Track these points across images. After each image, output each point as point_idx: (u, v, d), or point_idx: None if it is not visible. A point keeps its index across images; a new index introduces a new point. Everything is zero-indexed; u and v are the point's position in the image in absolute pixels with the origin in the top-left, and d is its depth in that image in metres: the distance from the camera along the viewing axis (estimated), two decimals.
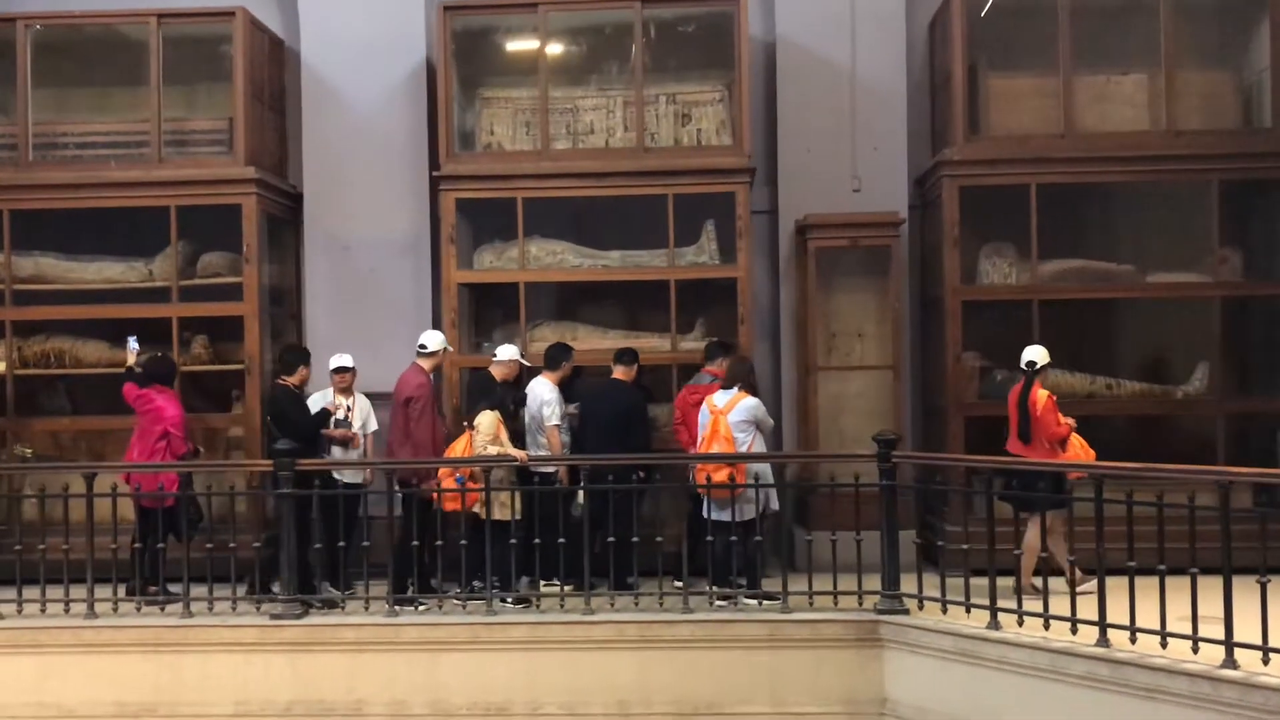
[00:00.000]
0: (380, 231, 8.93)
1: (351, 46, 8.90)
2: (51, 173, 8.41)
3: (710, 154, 8.31)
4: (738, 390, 7.27)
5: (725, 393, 7.31)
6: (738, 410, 7.20)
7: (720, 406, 7.24)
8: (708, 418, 7.25)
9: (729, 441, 7.08)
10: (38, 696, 6.95)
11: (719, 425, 7.16)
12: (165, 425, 7.42)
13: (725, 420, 7.16)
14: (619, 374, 7.72)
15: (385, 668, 6.91)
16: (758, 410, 7.26)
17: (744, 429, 7.17)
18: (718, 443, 7.12)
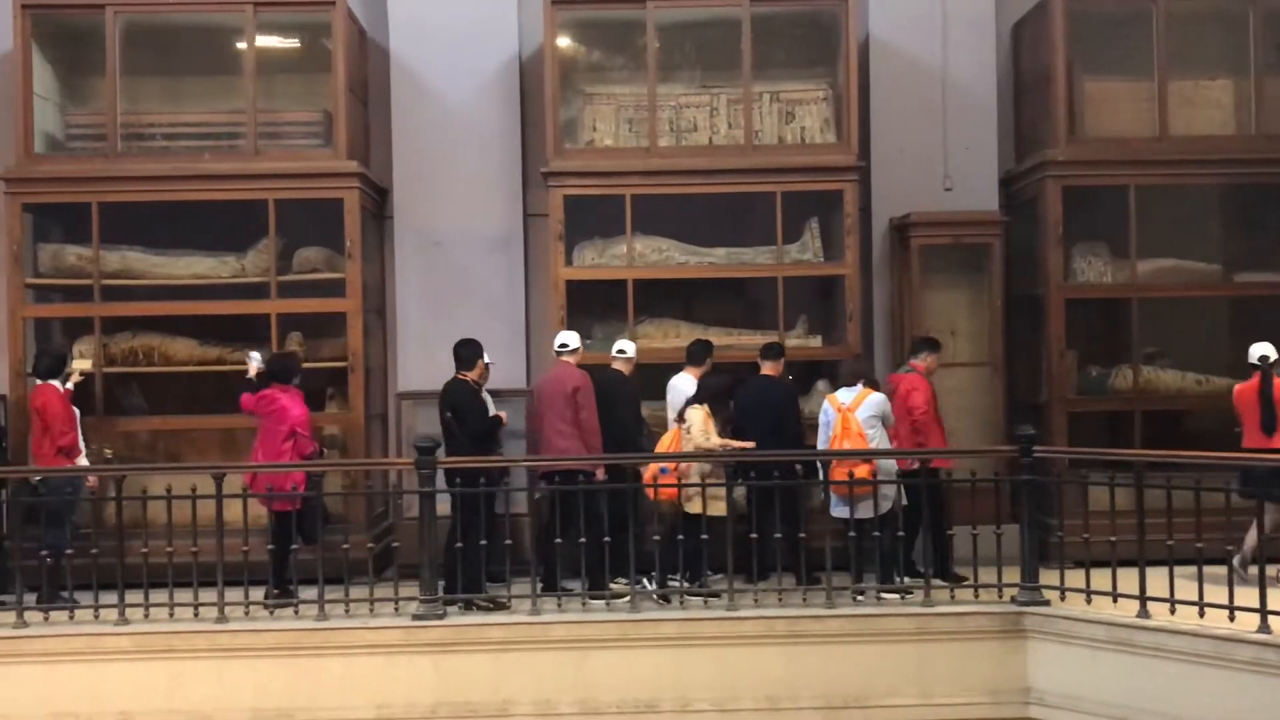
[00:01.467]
0: (472, 227, 8.82)
1: (442, 39, 8.78)
2: (143, 164, 8.15)
3: (817, 152, 8.38)
4: (862, 387, 7.36)
5: (849, 390, 7.41)
6: (865, 406, 7.30)
7: (846, 404, 7.33)
8: (833, 415, 7.33)
9: (861, 438, 7.17)
10: (170, 703, 6.72)
11: (849, 422, 7.26)
12: (291, 425, 7.26)
13: (854, 417, 7.25)
14: (768, 369, 7.73)
15: (532, 667, 6.83)
16: (884, 406, 7.37)
17: (872, 424, 7.29)
18: (849, 439, 7.20)
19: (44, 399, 7.35)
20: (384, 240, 9.00)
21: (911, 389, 7.53)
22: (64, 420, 7.33)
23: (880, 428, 7.39)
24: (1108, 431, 8.63)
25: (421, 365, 8.72)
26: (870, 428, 7.30)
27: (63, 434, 7.31)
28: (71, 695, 6.70)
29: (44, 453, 7.32)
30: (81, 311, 8.18)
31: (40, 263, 8.22)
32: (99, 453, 8.30)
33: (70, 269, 8.23)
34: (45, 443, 7.32)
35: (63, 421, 7.32)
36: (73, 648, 6.75)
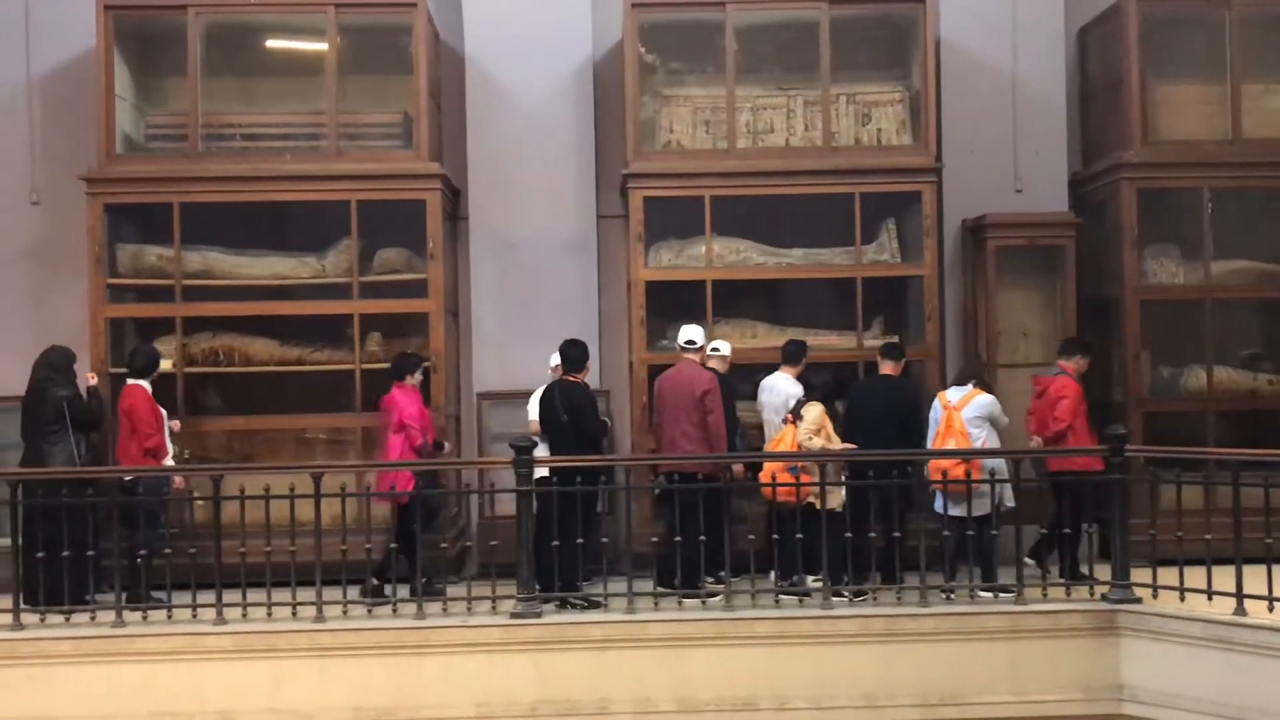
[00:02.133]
0: (545, 229, 8.88)
1: (517, 42, 8.83)
2: (224, 164, 8.18)
3: (895, 154, 8.45)
4: (972, 387, 7.41)
5: (958, 389, 7.45)
6: (972, 406, 7.35)
7: (954, 403, 7.38)
8: (940, 414, 7.37)
9: (963, 436, 7.24)
10: (271, 703, 6.73)
11: (952, 421, 7.30)
12: (400, 418, 7.30)
13: (959, 416, 7.29)
14: (887, 369, 7.78)
15: (631, 665, 6.85)
16: (993, 407, 7.41)
17: (978, 425, 7.33)
18: (952, 438, 7.26)
19: (132, 400, 7.38)
20: (457, 241, 9.02)
21: (1061, 394, 7.51)
22: (151, 422, 7.35)
23: (987, 428, 7.46)
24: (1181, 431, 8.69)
25: (496, 366, 8.81)
26: (975, 427, 7.38)
27: (149, 435, 7.33)
28: (171, 695, 6.70)
29: (131, 453, 7.34)
30: (163, 312, 8.19)
31: (119, 263, 8.21)
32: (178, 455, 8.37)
33: (150, 269, 8.24)
34: (132, 444, 7.34)
35: (149, 423, 7.34)
36: (173, 647, 6.75)
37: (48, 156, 8.72)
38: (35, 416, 7.32)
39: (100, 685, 6.68)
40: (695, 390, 7.31)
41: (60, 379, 7.37)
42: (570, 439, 7.30)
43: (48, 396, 7.27)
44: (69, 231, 8.65)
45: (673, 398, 7.39)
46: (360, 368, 8.19)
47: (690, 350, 7.59)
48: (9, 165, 8.69)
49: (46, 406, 7.26)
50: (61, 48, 8.72)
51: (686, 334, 7.65)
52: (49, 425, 7.25)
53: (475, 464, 8.23)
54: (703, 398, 7.27)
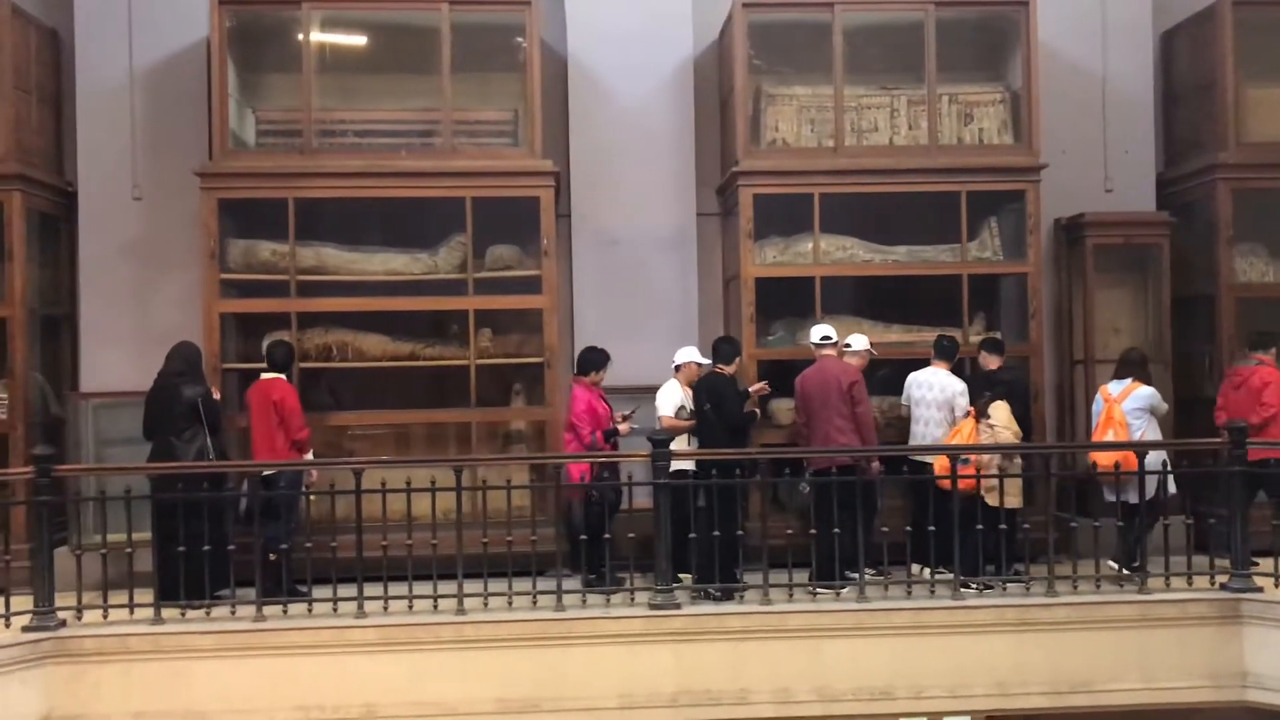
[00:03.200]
0: (647, 226, 8.94)
1: (618, 40, 8.89)
2: (339, 160, 8.17)
3: (999, 153, 8.57)
4: (1132, 380, 7.62)
5: (1119, 382, 7.73)
6: (1133, 398, 7.63)
7: (1114, 395, 7.62)
8: (1101, 405, 7.63)
9: (1122, 427, 7.43)
10: (414, 695, 6.76)
11: (1112, 412, 7.55)
12: (572, 414, 7.46)
13: (1119, 408, 7.54)
14: (993, 364, 7.92)
15: (769, 656, 6.94)
16: (1153, 399, 7.67)
17: (1137, 416, 7.59)
18: (1111, 428, 7.50)
19: (281, 393, 7.40)
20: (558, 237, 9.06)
21: (1266, 383, 7.71)
22: (301, 414, 7.35)
23: (1146, 419, 7.66)
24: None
25: None
26: (1135, 419, 7.59)
27: (300, 428, 7.34)
28: (316, 688, 6.72)
29: (278, 446, 7.34)
30: (278, 307, 8.16)
31: (230, 258, 8.20)
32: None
33: (263, 264, 8.23)
34: (279, 436, 7.34)
35: (300, 415, 7.34)
36: (318, 640, 6.77)
37: (149, 151, 8.68)
38: (165, 412, 7.28)
39: (245, 679, 6.70)
40: (842, 383, 7.43)
41: (192, 375, 7.36)
42: (713, 428, 7.39)
43: (181, 393, 7.25)
44: (170, 226, 8.66)
45: (820, 393, 7.50)
46: (475, 363, 8.20)
47: (826, 346, 7.69)
48: (110, 160, 8.63)
49: (178, 403, 7.24)
50: (163, 42, 8.68)
51: (820, 331, 7.76)
52: (180, 422, 7.23)
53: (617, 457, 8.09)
54: (850, 389, 7.41)
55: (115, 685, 6.65)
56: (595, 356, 7.80)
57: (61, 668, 6.64)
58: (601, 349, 7.91)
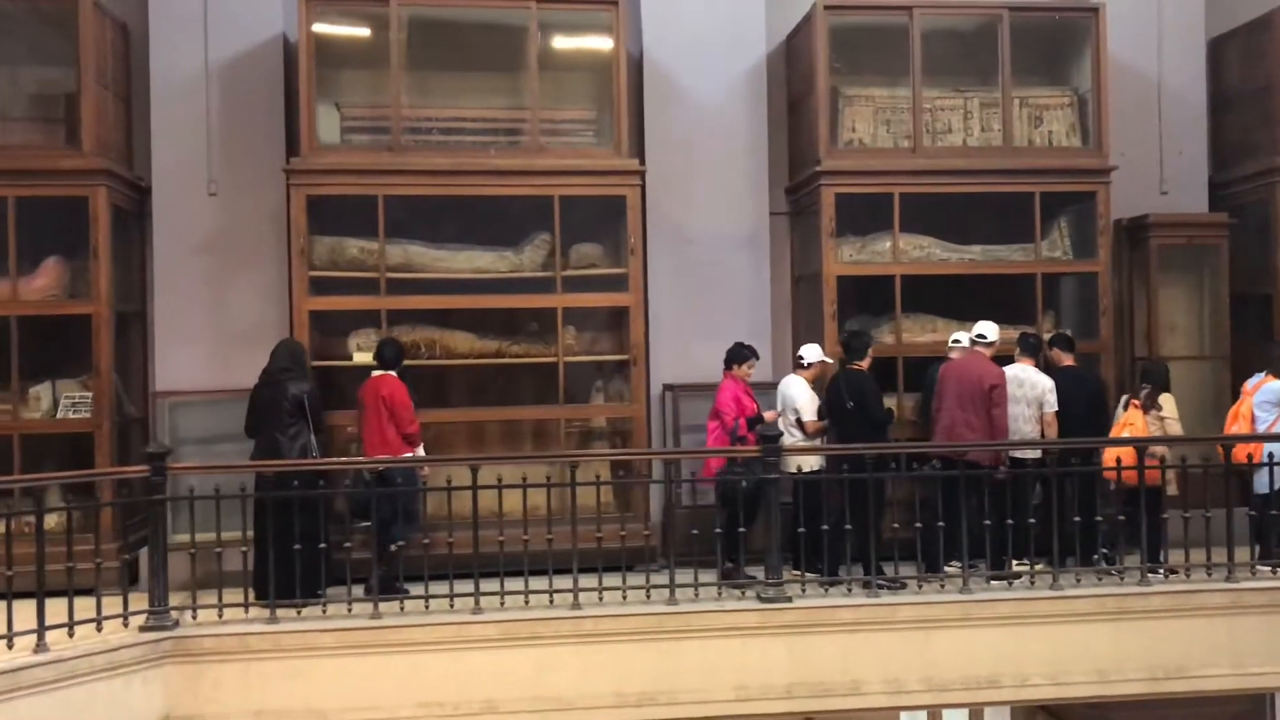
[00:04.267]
0: (721, 225, 9.04)
1: (693, 41, 8.99)
2: (429, 158, 8.16)
3: (1072, 155, 8.81)
4: (1266, 374, 7.92)
5: (1257, 376, 7.99)
6: (1262, 392, 7.91)
7: (1249, 388, 7.93)
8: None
9: (1248, 420, 7.71)
10: (534, 690, 6.80)
11: (1242, 404, 7.85)
12: (717, 405, 7.65)
13: (1250, 401, 7.86)
14: (1068, 360, 8.12)
15: (879, 647, 7.07)
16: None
17: (1265, 409, 7.84)
18: (1238, 422, 7.79)
19: (390, 388, 7.42)
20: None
21: None
22: (410, 409, 7.39)
23: (1275, 412, 7.86)
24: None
25: (675, 358, 8.91)
26: (1262, 410, 7.84)
27: (409, 423, 7.35)
28: (437, 684, 6.73)
29: (389, 440, 7.37)
30: (368, 304, 8.14)
31: (315, 255, 8.16)
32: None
33: (351, 262, 8.20)
34: (390, 431, 7.35)
35: (410, 409, 7.37)
36: (439, 637, 6.77)
37: (224, 147, 8.59)
38: (271, 409, 7.25)
39: (365, 677, 6.68)
40: (984, 383, 7.58)
41: (298, 371, 7.34)
42: (856, 425, 7.51)
43: (286, 390, 7.23)
44: (247, 223, 8.61)
45: (958, 388, 7.64)
46: (563, 360, 8.25)
47: (980, 344, 7.84)
48: (185, 156, 8.54)
49: (284, 399, 7.21)
50: (239, 37, 8.60)
51: (978, 328, 7.92)
52: (286, 418, 7.20)
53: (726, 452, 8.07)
54: (990, 391, 7.54)
55: (235, 684, 6.61)
56: (743, 350, 7.90)
57: (181, 667, 6.58)
58: (749, 345, 8.00)
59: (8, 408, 7.89)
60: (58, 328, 8.14)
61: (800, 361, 7.99)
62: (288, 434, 7.20)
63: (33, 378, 8.01)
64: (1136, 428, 7.63)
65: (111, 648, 6.32)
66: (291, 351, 7.43)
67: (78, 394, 8.06)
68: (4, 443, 7.84)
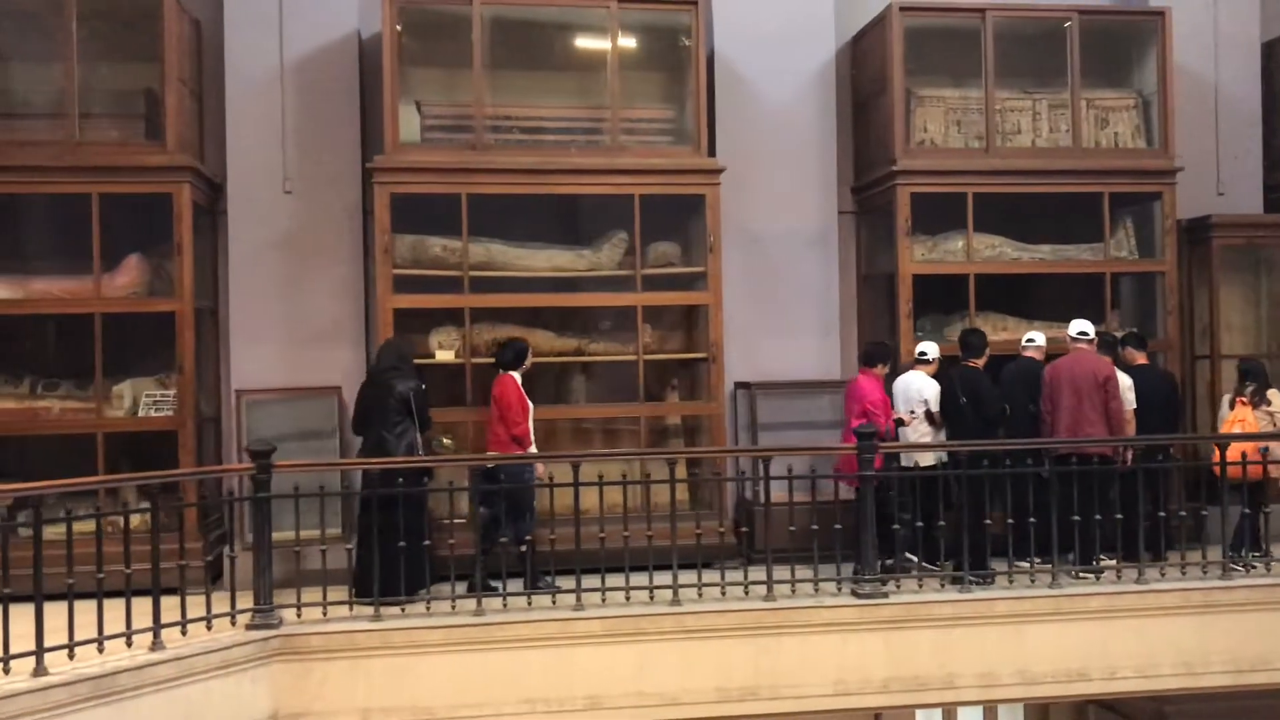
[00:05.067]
0: (790, 224, 9.11)
1: (764, 41, 9.03)
2: (513, 156, 8.18)
3: (1140, 156, 8.96)
4: None
5: None
6: None
7: None
8: None
9: None
10: (637, 686, 6.84)
11: None
12: (864, 405, 7.70)
13: None
14: (1142, 359, 8.28)
15: (975, 641, 7.15)
16: None
17: None
18: None
19: (502, 387, 7.48)
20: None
21: None
22: (519, 409, 7.38)
23: None
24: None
25: (745, 357, 8.96)
26: None
27: (516, 423, 7.37)
28: (541, 681, 6.76)
29: (500, 438, 7.44)
30: (452, 302, 8.15)
31: (398, 253, 8.15)
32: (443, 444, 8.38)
33: (434, 260, 8.21)
34: (500, 429, 7.38)
35: (517, 410, 7.37)
36: (543, 633, 6.80)
37: (299, 145, 8.56)
38: (379, 407, 7.25)
39: (470, 674, 6.70)
40: (1099, 377, 7.70)
41: (405, 369, 7.34)
42: (968, 422, 7.62)
43: (394, 387, 7.22)
44: (322, 220, 8.58)
45: (1073, 385, 7.73)
46: (643, 359, 8.29)
47: (1082, 340, 7.94)
48: (262, 153, 8.49)
49: (392, 397, 7.21)
50: (314, 34, 8.57)
51: (1078, 326, 8.03)
52: (393, 416, 7.20)
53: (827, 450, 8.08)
54: (1104, 384, 7.66)
55: (342, 682, 6.61)
56: (882, 349, 8.00)
57: (288, 665, 6.58)
58: (885, 343, 8.15)
59: (91, 406, 7.85)
60: (135, 325, 8.10)
61: (923, 357, 8.08)
62: (394, 432, 7.22)
63: (110, 375, 7.96)
64: (1248, 423, 7.77)
65: (224, 646, 6.31)
66: (398, 350, 7.46)
67: (159, 392, 8.02)
68: (85, 441, 7.81)
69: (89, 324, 7.81)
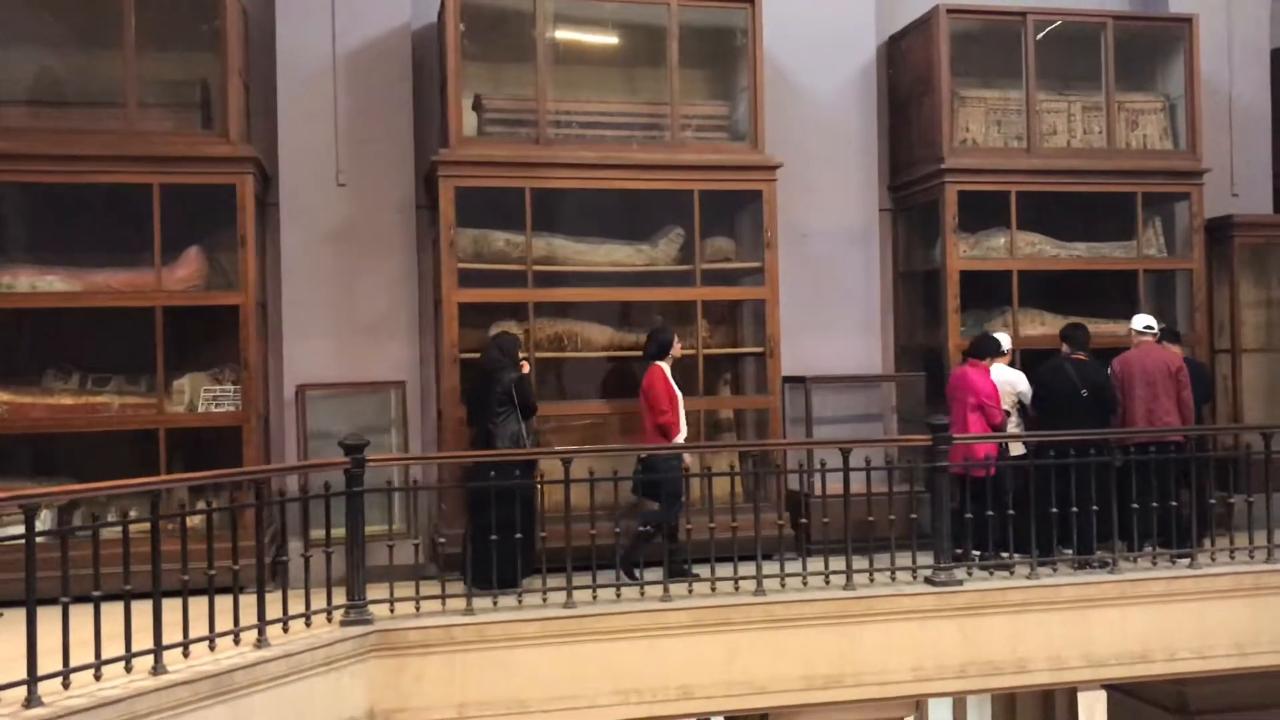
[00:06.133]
0: (834, 221, 9.28)
1: (807, 38, 9.17)
2: (575, 151, 8.18)
3: (1171, 158, 9.28)
4: None
5: None
6: None
7: None
8: None
9: None
10: (727, 675, 6.93)
11: None
12: (979, 398, 7.91)
13: None
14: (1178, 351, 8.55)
15: (1043, 626, 7.37)
16: None
17: None
18: None
19: (650, 379, 7.68)
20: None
21: None
22: (666, 399, 7.55)
23: None
24: None
25: (790, 352, 9.02)
26: None
27: (661, 412, 7.55)
28: (633, 672, 6.81)
29: (646, 429, 7.66)
30: (516, 297, 8.14)
31: (459, 247, 8.12)
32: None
33: (497, 254, 8.19)
34: (648, 420, 7.64)
35: (665, 400, 7.55)
36: (635, 624, 6.84)
37: (352, 137, 8.48)
38: (485, 398, 7.39)
39: (564, 666, 6.72)
40: (1170, 368, 7.98)
41: (507, 362, 7.44)
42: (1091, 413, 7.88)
43: (499, 379, 7.35)
44: (376, 213, 8.51)
45: (1146, 377, 8.00)
46: (702, 353, 8.37)
47: (1146, 334, 8.19)
48: (314, 145, 8.39)
49: (496, 389, 7.35)
50: (367, 25, 8.49)
51: (1141, 320, 8.30)
52: (498, 407, 7.33)
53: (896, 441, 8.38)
54: (1177, 374, 7.93)
55: (438, 677, 6.60)
56: (993, 343, 8.17)
57: (384, 661, 6.54)
58: (988, 335, 8.29)
59: (153, 401, 7.69)
60: (187, 320, 7.96)
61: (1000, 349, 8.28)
62: (496, 421, 7.34)
63: (169, 370, 7.80)
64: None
65: (326, 642, 6.25)
66: (500, 345, 7.56)
67: (218, 388, 7.89)
68: (147, 437, 7.65)
69: (139, 318, 7.64)
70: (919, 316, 9.54)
